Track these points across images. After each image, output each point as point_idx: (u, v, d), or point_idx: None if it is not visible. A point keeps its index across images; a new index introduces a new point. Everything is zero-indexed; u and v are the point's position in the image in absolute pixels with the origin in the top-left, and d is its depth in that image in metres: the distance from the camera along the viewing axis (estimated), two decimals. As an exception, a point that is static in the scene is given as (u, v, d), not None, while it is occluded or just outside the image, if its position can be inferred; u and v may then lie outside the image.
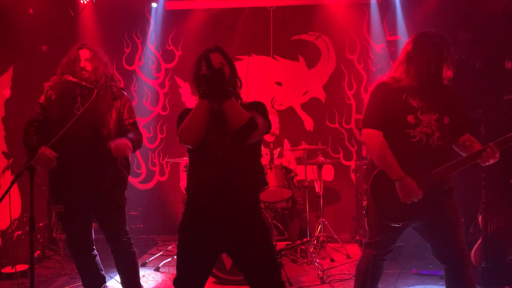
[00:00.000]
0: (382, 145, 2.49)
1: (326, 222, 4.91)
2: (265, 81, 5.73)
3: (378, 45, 5.58)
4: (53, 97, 2.88)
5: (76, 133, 2.75)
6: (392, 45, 5.47)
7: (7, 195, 2.28)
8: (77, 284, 3.82)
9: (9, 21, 4.50)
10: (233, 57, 5.63)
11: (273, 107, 5.68)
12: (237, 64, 5.74)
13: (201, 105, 2.12)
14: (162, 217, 5.74)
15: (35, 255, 4.64)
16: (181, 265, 2.24)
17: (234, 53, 5.71)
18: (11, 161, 4.46)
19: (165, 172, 5.88)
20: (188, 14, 5.77)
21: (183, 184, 5.39)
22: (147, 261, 4.55)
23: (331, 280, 3.97)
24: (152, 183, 5.90)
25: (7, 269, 4.15)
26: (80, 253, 3.01)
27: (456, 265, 2.53)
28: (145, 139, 5.91)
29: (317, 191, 4.97)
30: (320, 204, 4.86)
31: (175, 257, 2.29)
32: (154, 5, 5.74)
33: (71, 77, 2.79)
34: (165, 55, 5.87)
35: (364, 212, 2.75)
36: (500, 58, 4.30)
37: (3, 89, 4.42)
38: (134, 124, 2.99)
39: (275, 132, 4.98)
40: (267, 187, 4.23)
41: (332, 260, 4.56)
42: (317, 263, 4.31)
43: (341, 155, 5.67)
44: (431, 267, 4.15)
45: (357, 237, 5.21)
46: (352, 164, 5.64)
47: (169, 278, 4.06)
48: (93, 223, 3.09)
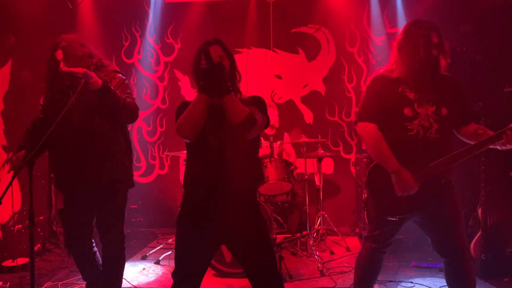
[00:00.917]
0: (377, 138, 2.48)
1: (325, 215, 4.91)
2: (264, 74, 5.71)
3: (378, 37, 5.56)
4: (48, 94, 2.83)
5: (69, 125, 2.70)
6: (392, 37, 5.41)
7: (8, 189, 2.29)
8: (78, 277, 3.84)
9: (7, 14, 4.48)
10: (232, 50, 5.62)
11: (272, 100, 5.67)
12: (237, 57, 5.66)
13: (200, 99, 2.11)
14: (162, 210, 5.75)
15: (36, 248, 4.65)
16: (179, 258, 2.24)
17: (233, 46, 5.67)
18: (10, 154, 4.45)
19: (165, 165, 5.88)
20: (187, 6, 5.75)
21: (182, 177, 5.38)
22: (147, 254, 4.56)
23: (331, 272, 3.98)
24: (152, 176, 5.91)
25: (8, 262, 4.16)
26: (78, 252, 2.93)
27: (456, 259, 2.53)
28: (145, 133, 5.91)
29: (317, 184, 4.97)
30: (320, 197, 4.87)
31: (174, 249, 2.30)
32: (153, -3, 5.72)
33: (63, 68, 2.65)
34: (164, 48, 5.85)
35: (363, 205, 2.75)
36: (500, 50, 4.29)
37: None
38: (128, 96, 2.87)
39: (275, 125, 4.97)
40: (267, 180, 4.23)
41: (331, 253, 4.58)
42: (317, 255, 4.32)
43: (341, 148, 5.67)
44: (430, 259, 4.17)
45: (357, 230, 5.22)
46: (352, 157, 5.64)
47: (169, 271, 4.06)
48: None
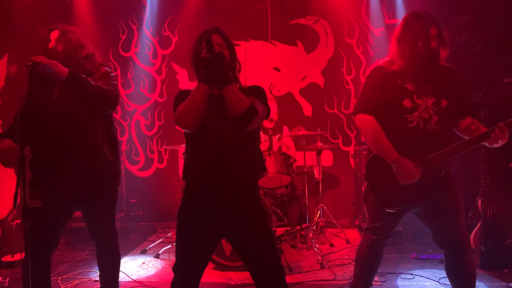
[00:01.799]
0: (376, 129, 2.47)
1: (325, 207, 4.91)
2: (263, 66, 5.68)
3: (377, 29, 5.52)
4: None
5: (52, 118, 2.62)
6: (391, 28, 5.35)
7: (7, 184, 2.26)
8: (78, 272, 3.84)
9: (3, 8, 4.43)
10: (230, 42, 5.63)
11: (271, 93, 5.64)
12: (235, 49, 5.68)
13: (200, 89, 2.08)
14: (161, 204, 5.74)
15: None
16: (180, 252, 2.23)
17: (231, 38, 5.59)
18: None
19: (164, 159, 5.87)
20: (184, -1, 5.70)
21: (182, 171, 5.37)
22: (147, 248, 4.55)
23: (331, 265, 3.98)
24: (151, 170, 5.89)
25: (7, 258, 4.15)
26: (44, 256, 2.72)
27: (456, 251, 2.53)
28: (143, 126, 5.89)
29: (316, 177, 4.96)
30: (319, 189, 4.86)
31: (175, 243, 2.28)
32: (149, -10, 5.67)
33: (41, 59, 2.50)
34: (162, 41, 5.81)
35: (363, 197, 2.74)
36: (500, 41, 4.26)
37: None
38: (108, 85, 2.74)
39: (273, 118, 4.95)
40: (266, 173, 4.22)
41: (331, 245, 4.58)
42: (317, 248, 4.32)
43: (340, 140, 5.65)
44: (430, 251, 4.18)
45: (356, 222, 5.23)
46: (351, 149, 5.63)
47: (169, 264, 4.07)
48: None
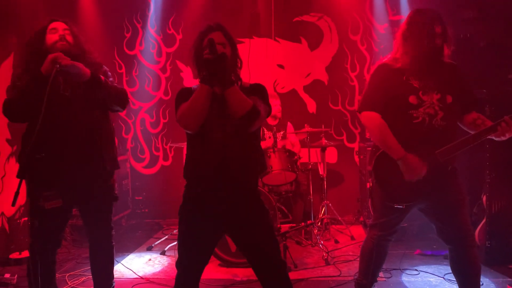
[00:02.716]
0: (382, 126, 2.49)
1: (330, 204, 4.92)
2: (267, 64, 5.68)
3: (381, 25, 5.51)
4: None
5: (66, 118, 2.58)
6: (395, 25, 5.39)
7: (14, 182, 2.25)
8: (84, 268, 3.87)
9: (8, 7, 4.46)
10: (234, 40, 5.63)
11: (275, 90, 5.65)
12: (239, 47, 5.66)
13: (203, 90, 2.09)
14: (166, 201, 5.77)
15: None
16: (182, 248, 2.26)
17: (235, 36, 5.52)
18: (15, 148, 4.47)
19: (169, 156, 5.89)
20: (188, -4, 5.71)
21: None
22: (153, 245, 4.59)
23: (336, 261, 4.00)
24: (156, 168, 5.92)
25: (15, 255, 4.19)
26: (45, 253, 2.67)
27: (460, 246, 2.54)
28: (148, 124, 5.91)
29: (320, 173, 4.97)
30: (324, 186, 4.87)
31: (177, 240, 2.31)
32: (153, -12, 5.68)
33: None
34: (166, 39, 5.83)
35: (368, 193, 2.75)
36: (505, 36, 4.24)
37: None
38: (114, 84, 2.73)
39: (277, 115, 4.96)
40: (271, 170, 4.24)
41: (336, 241, 4.59)
42: (322, 244, 4.34)
43: (345, 137, 5.65)
44: (435, 247, 4.18)
45: (361, 219, 5.23)
46: (355, 146, 5.63)
47: (175, 261, 4.09)
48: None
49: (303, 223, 4.50)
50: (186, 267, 2.26)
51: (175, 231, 4.96)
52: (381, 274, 3.52)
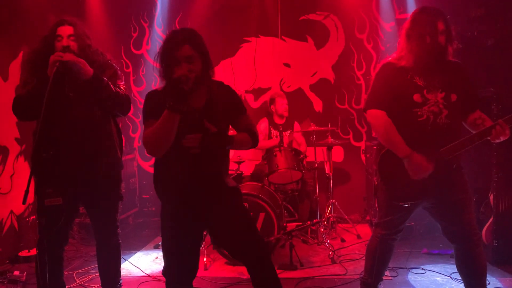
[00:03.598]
0: (387, 125, 2.49)
1: (336, 203, 4.92)
2: (273, 62, 5.69)
3: (387, 23, 5.50)
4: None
5: (69, 118, 2.62)
6: (401, 23, 5.26)
7: (22, 180, 2.28)
8: (92, 266, 3.91)
9: (17, 7, 4.51)
10: (240, 38, 5.66)
11: (281, 89, 5.65)
12: (245, 46, 5.71)
13: (170, 119, 1.98)
14: (173, 200, 5.80)
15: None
16: (168, 253, 2.28)
17: (241, 34, 5.66)
18: (23, 147, 4.52)
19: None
20: (194, -4, 5.73)
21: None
22: (160, 244, 4.61)
23: (342, 260, 4.00)
24: (162, 166, 5.94)
25: (24, 253, 4.25)
26: (53, 250, 2.68)
27: (466, 245, 2.54)
28: (155, 123, 5.93)
29: (327, 172, 4.97)
30: (330, 185, 4.87)
31: (161, 248, 2.35)
32: (160, -13, 5.71)
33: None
34: (173, 38, 5.84)
35: (374, 192, 2.76)
36: (512, 35, 4.22)
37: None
38: (116, 86, 2.75)
39: (284, 114, 4.97)
40: (277, 169, 4.24)
41: (342, 240, 4.59)
42: (328, 243, 4.34)
43: (351, 136, 5.65)
44: (441, 246, 4.17)
45: (367, 217, 5.23)
46: (362, 145, 5.62)
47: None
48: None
49: (309, 222, 4.50)
50: (174, 274, 2.27)
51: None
52: (387, 273, 3.52)
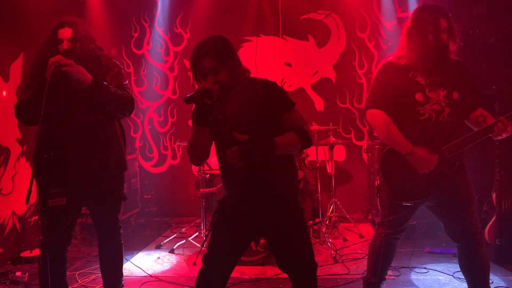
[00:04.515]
0: (387, 122, 2.49)
1: (338, 202, 4.91)
2: (274, 62, 5.68)
3: (388, 22, 5.48)
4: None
5: (71, 120, 2.62)
6: (403, 22, 5.27)
7: (24, 181, 2.28)
8: (94, 267, 3.91)
9: (17, 8, 4.50)
10: (241, 38, 5.65)
11: (282, 88, 5.63)
12: (246, 45, 5.71)
13: (201, 131, 2.06)
14: (175, 200, 5.80)
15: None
16: (214, 243, 2.23)
17: (242, 34, 5.66)
18: (25, 147, 4.52)
19: (177, 155, 5.92)
20: (195, -5, 5.72)
21: (195, 167, 5.42)
22: (162, 244, 4.61)
23: (344, 259, 3.99)
24: (164, 166, 5.95)
25: (26, 253, 4.24)
26: (56, 250, 2.71)
27: (468, 244, 2.53)
28: (156, 123, 5.94)
29: (328, 171, 4.97)
30: (332, 184, 4.86)
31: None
32: (161, -13, 5.70)
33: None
34: (174, 38, 5.84)
35: (376, 191, 2.75)
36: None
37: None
38: (120, 86, 2.73)
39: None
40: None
41: (344, 239, 4.58)
42: (330, 243, 4.33)
43: (353, 135, 5.63)
44: (444, 245, 4.16)
45: (370, 217, 5.22)
46: (363, 144, 5.60)
47: (184, 259, 4.11)
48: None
49: (311, 221, 4.49)
50: (212, 261, 2.20)
51: (183, 229, 4.99)
52: (390, 272, 3.52)
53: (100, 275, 2.97)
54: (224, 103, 2.07)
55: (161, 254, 4.37)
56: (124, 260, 3.17)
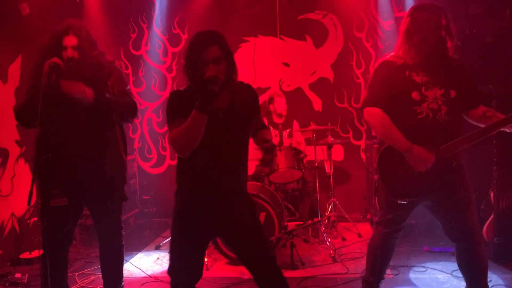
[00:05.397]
0: (384, 120, 2.49)
1: (336, 202, 4.92)
2: (272, 62, 5.69)
3: (386, 22, 5.49)
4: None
5: (73, 124, 2.64)
6: (400, 21, 5.33)
7: (23, 182, 2.29)
8: (94, 268, 3.91)
9: (15, 9, 4.50)
10: (239, 38, 5.66)
11: (281, 88, 5.65)
12: (244, 45, 5.71)
13: (199, 119, 1.97)
14: (174, 201, 5.80)
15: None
16: (177, 254, 2.28)
17: (240, 34, 5.67)
18: (24, 149, 4.52)
19: (176, 156, 5.90)
20: (193, -4, 5.73)
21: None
22: (161, 244, 4.61)
23: (343, 259, 4.00)
24: (163, 167, 5.95)
25: (25, 255, 4.24)
26: (57, 251, 2.71)
27: (467, 243, 2.54)
28: (155, 124, 5.94)
29: (327, 171, 4.97)
30: (330, 184, 4.87)
31: (170, 248, 2.35)
32: (158, -12, 5.71)
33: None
34: (172, 39, 5.85)
35: (374, 190, 2.76)
36: (511, 32, 4.22)
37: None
38: (122, 92, 2.76)
39: (283, 113, 4.97)
40: (277, 168, 4.24)
41: (343, 239, 4.59)
42: (329, 242, 4.34)
43: (351, 134, 5.64)
44: (442, 244, 4.17)
45: (368, 216, 5.23)
46: (362, 143, 5.62)
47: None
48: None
49: (310, 221, 4.50)
50: (182, 272, 2.28)
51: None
52: (388, 271, 3.52)
53: (99, 276, 2.97)
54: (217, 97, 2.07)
55: (161, 254, 4.38)
56: (125, 260, 3.18)
